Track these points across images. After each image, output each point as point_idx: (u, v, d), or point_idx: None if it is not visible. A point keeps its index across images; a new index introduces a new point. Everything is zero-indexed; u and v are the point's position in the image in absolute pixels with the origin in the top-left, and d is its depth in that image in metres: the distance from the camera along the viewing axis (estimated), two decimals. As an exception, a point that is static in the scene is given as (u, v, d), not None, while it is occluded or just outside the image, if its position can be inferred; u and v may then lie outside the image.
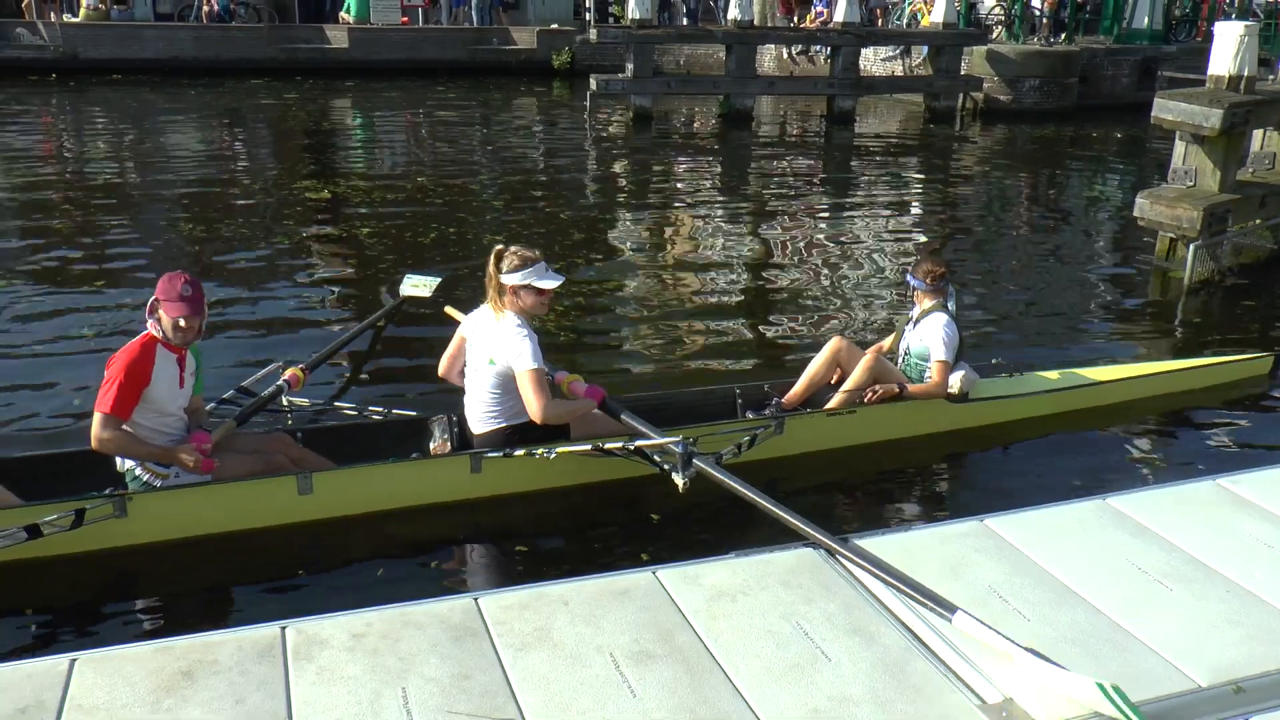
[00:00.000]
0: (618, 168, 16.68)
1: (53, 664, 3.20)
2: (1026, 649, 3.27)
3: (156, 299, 4.82)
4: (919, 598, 3.57)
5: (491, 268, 5.20)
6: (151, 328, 4.84)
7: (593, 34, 21.50)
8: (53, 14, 26.65)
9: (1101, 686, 2.99)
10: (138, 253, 10.53)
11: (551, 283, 5.23)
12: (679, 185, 14.92)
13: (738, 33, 20.06)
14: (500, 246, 5.22)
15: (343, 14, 28.07)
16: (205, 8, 27.96)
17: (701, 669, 3.27)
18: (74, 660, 3.21)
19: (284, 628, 3.36)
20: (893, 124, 21.63)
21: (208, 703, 3.04)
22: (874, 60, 23.67)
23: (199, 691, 3.08)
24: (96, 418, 4.69)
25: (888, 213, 13.11)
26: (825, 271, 10.22)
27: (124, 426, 4.75)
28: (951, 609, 3.48)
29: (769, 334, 8.45)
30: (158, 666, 3.19)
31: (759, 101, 22.18)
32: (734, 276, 10.08)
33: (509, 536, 5.24)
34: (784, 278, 10.08)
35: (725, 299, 9.36)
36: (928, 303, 6.34)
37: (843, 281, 9.84)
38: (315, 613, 3.52)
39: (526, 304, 5.21)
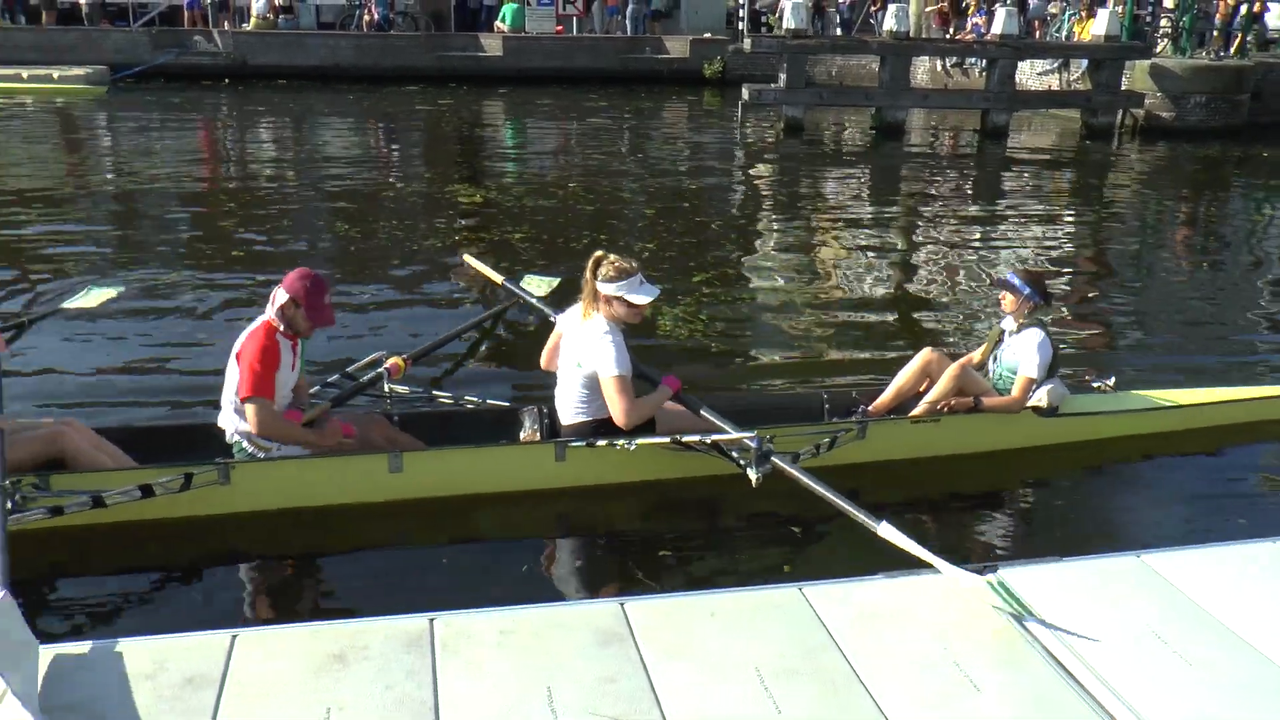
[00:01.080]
0: (765, 178, 16.62)
1: (216, 639, 3.32)
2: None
3: (296, 299, 5.03)
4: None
5: (589, 273, 5.30)
6: (274, 318, 5.07)
7: (746, 43, 21.47)
8: (226, 23, 27.85)
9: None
10: (292, 247, 11.00)
11: (645, 297, 5.28)
12: (825, 197, 14.78)
13: (892, 44, 19.78)
14: (599, 254, 5.31)
15: (498, 23, 28.64)
16: (366, 17, 28.93)
17: (847, 691, 3.21)
18: (235, 636, 3.32)
19: (433, 619, 3.42)
20: (1047, 140, 20.99)
21: (358, 686, 3.11)
22: (1030, 74, 23.05)
23: (350, 675, 3.16)
24: (254, 404, 4.94)
25: (1035, 231, 12.66)
26: (960, 287, 9.94)
27: (277, 411, 5.00)
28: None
29: (888, 346, 8.21)
30: (312, 648, 3.29)
31: (911, 114, 21.79)
32: (865, 289, 9.90)
33: (592, 528, 5.34)
34: (916, 292, 9.83)
35: (851, 310, 9.15)
36: (1023, 316, 6.11)
37: (974, 300, 9.51)
38: (392, 588, 3.53)
39: (618, 313, 5.30)
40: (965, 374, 6.09)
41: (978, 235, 12.22)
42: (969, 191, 15.82)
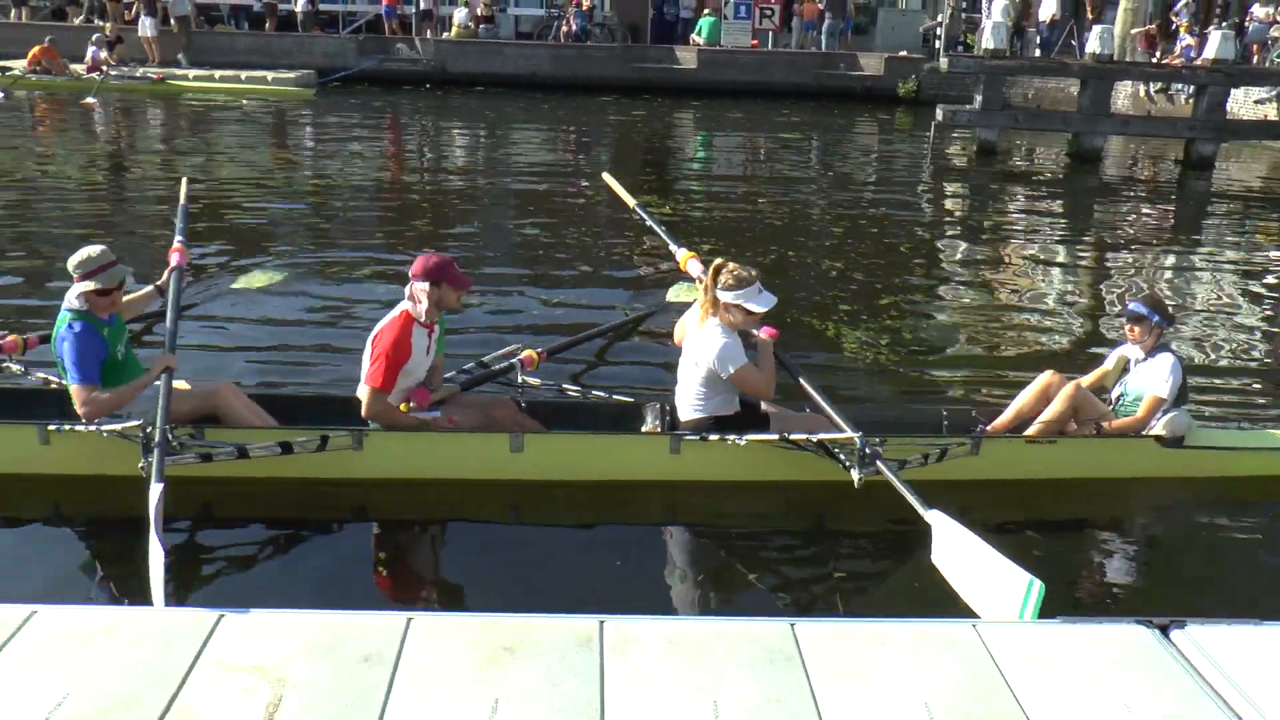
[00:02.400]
0: (955, 201, 16.25)
1: (392, 619, 3.40)
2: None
3: (437, 280, 5.37)
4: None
5: (709, 279, 5.49)
6: (410, 308, 5.43)
7: (942, 63, 21.02)
8: (429, 31, 28.85)
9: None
10: (468, 243, 11.56)
11: (763, 306, 5.45)
12: (1015, 223, 14.33)
13: (1095, 67, 19.04)
14: (719, 261, 5.51)
15: (694, 36, 28.84)
16: (564, 28, 29.52)
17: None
18: (410, 619, 3.39)
19: (603, 622, 3.44)
20: (1257, 173, 19.78)
21: (526, 681, 3.15)
22: (1243, 102, 21.88)
23: (519, 669, 3.20)
24: (368, 392, 5.38)
25: (1231, 270, 11.87)
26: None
27: (389, 400, 5.41)
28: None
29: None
30: (484, 638, 3.33)
31: (1109, 141, 20.88)
32: (1046, 319, 9.53)
33: (706, 522, 5.53)
34: (1105, 329, 9.35)
35: (1028, 341, 8.88)
36: (1152, 343, 5.87)
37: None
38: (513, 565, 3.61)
39: (736, 320, 5.48)
40: (1081, 395, 5.90)
41: (1171, 271, 11.70)
42: (1166, 226, 15.07)
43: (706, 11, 29.36)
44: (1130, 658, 3.50)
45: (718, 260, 5.54)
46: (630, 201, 8.09)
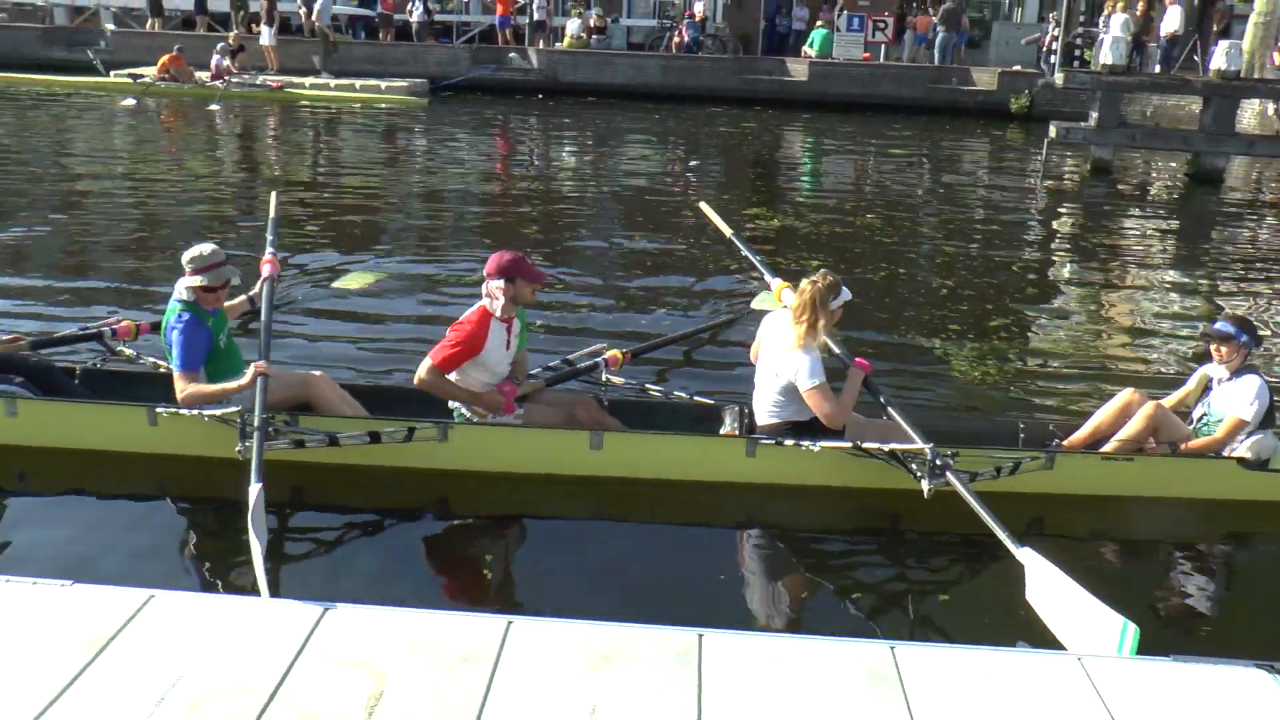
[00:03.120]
0: (1064, 219, 15.79)
1: (492, 622, 3.46)
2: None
3: (512, 276, 5.59)
4: None
5: (820, 296, 5.59)
6: (488, 303, 5.66)
7: (1058, 78, 20.56)
8: (541, 41, 29.18)
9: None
10: (569, 248, 11.82)
11: (841, 300, 5.66)
12: (1127, 245, 13.78)
13: (1220, 84, 18.38)
14: (820, 277, 5.65)
15: (806, 48, 28.67)
16: (675, 39, 29.58)
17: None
18: (510, 623, 3.45)
19: (701, 635, 3.44)
20: (1394, 198, 19.00)
21: (624, 690, 3.16)
22: (1383, 122, 21.01)
23: (617, 677, 3.21)
24: (426, 363, 5.58)
25: None
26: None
27: (452, 376, 5.63)
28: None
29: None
30: (583, 645, 3.36)
31: (1232, 162, 20.11)
32: (1157, 346, 9.22)
33: (782, 526, 5.59)
34: (1192, 346, 9.01)
35: (1132, 365, 8.62)
36: (1239, 364, 5.70)
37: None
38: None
39: (830, 321, 5.66)
40: (1161, 414, 5.76)
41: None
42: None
43: (819, 23, 29.16)
44: (1246, 701, 3.38)
45: (815, 277, 5.66)
46: (727, 231, 8.19)
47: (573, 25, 29.64)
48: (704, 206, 8.74)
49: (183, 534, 5.46)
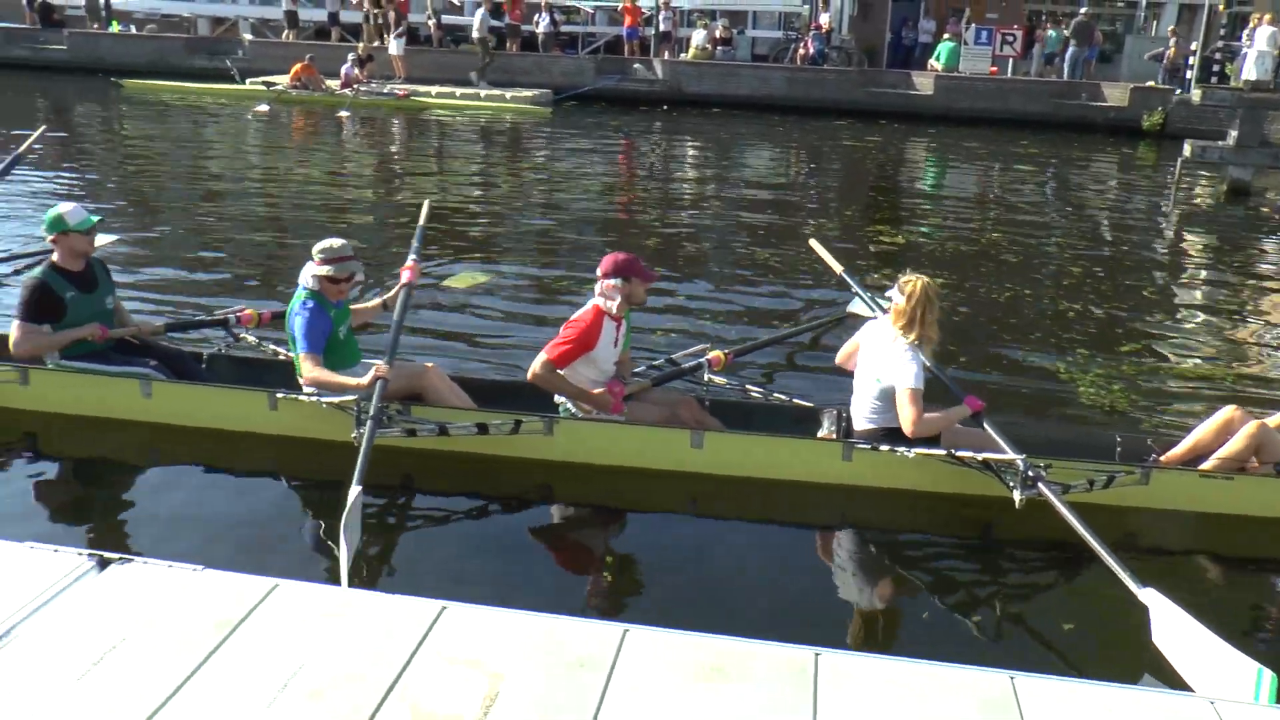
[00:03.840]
0: (1195, 241, 15.23)
1: (608, 629, 3.46)
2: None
3: (627, 275, 5.86)
4: None
5: (923, 300, 5.70)
6: (602, 302, 5.92)
7: (1195, 94, 19.97)
8: (666, 53, 29.33)
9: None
10: (687, 253, 12.06)
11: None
12: (1260, 269, 13.17)
13: (1373, 104, 17.69)
14: (927, 283, 5.73)
15: (932, 62, 28.35)
16: (800, 51, 29.46)
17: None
18: (626, 631, 3.44)
19: (818, 655, 3.39)
20: None
21: (737, 706, 3.13)
22: None
23: (731, 692, 3.18)
24: (540, 358, 5.87)
25: None
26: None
27: (562, 372, 5.88)
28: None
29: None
30: (696, 657, 3.33)
31: (1383, 185, 19.25)
32: (1255, 359, 8.96)
33: (875, 527, 5.73)
34: None
35: (1243, 375, 8.43)
36: None
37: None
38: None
39: (932, 336, 5.75)
40: (1265, 434, 5.56)
41: None
42: None
43: (946, 36, 28.82)
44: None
45: (922, 281, 5.74)
46: (837, 269, 8.21)
47: (698, 36, 29.76)
48: (814, 244, 8.81)
49: (299, 517, 5.72)
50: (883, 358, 5.72)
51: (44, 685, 3.03)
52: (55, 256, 6.39)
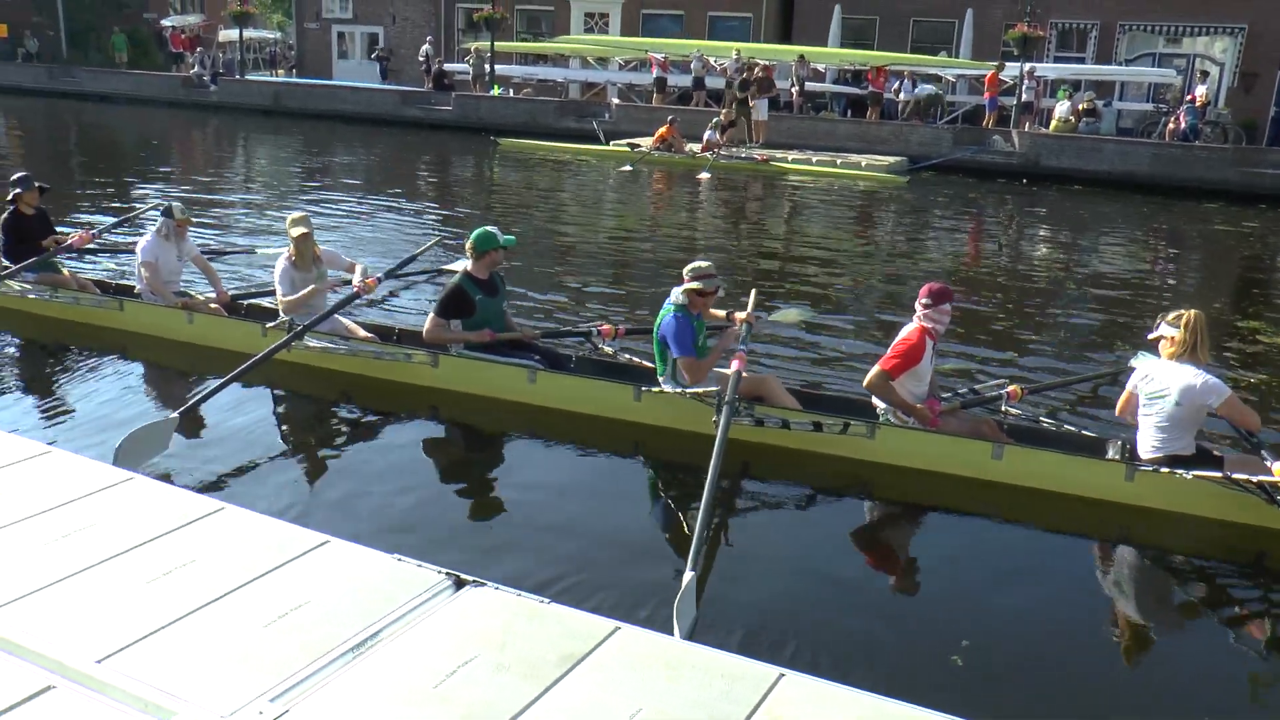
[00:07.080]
0: None
1: (763, 670, 3.53)
2: None
3: (949, 302, 7.04)
4: None
5: (1199, 329, 6.37)
6: (929, 325, 6.99)
7: None
8: (1027, 124, 28.64)
9: None
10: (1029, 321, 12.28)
11: None
12: None
13: None
14: (1199, 316, 6.39)
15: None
16: (1171, 125, 27.92)
17: None
18: (782, 675, 3.48)
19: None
20: None
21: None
22: None
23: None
24: (876, 369, 7.00)
25: None
26: None
27: (891, 383, 6.96)
28: None
29: None
30: (857, 716, 3.30)
31: None
32: None
33: (1160, 547, 6.47)
34: None
35: None
36: None
37: None
38: None
39: (1206, 360, 6.44)
40: None
41: None
42: None
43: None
44: None
45: (1194, 312, 6.42)
46: None
47: (1061, 108, 28.83)
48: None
49: (645, 551, 6.17)
50: (1177, 380, 6.32)
51: (404, 691, 3.32)
52: (470, 266, 8.01)
